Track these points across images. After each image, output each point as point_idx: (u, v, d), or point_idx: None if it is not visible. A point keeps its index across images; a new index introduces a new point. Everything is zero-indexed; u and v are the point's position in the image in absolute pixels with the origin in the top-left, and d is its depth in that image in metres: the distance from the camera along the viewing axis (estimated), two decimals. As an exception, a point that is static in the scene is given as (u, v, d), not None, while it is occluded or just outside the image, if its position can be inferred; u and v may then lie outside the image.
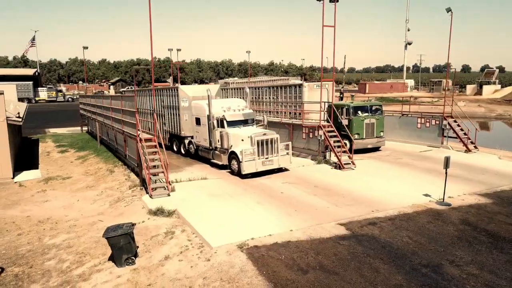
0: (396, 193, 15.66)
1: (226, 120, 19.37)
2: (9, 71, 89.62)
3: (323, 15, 19.28)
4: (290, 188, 16.57)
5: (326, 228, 12.30)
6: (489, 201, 14.93)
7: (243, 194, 15.71)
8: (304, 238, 11.54)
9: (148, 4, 15.86)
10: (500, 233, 12.04)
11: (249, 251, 10.72)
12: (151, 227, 12.85)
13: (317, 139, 20.97)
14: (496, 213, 13.67)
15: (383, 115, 24.59)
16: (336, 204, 14.46)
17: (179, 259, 10.67)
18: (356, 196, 15.36)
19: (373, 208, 14.05)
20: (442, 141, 24.78)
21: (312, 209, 13.95)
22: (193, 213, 13.44)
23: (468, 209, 13.99)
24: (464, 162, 21.05)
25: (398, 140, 27.23)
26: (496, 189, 16.39)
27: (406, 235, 11.83)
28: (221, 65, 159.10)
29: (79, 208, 16.01)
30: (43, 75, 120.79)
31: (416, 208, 14.07)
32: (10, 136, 22.60)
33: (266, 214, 13.43)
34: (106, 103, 26.90)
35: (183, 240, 11.71)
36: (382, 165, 20.67)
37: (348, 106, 23.49)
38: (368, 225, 12.56)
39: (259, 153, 18.05)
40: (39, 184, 19.95)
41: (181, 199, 14.81)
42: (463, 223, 12.79)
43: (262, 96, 31.32)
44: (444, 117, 24.39)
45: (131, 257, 10.74)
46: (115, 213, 14.71)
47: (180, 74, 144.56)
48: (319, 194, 15.70)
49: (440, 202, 14.61)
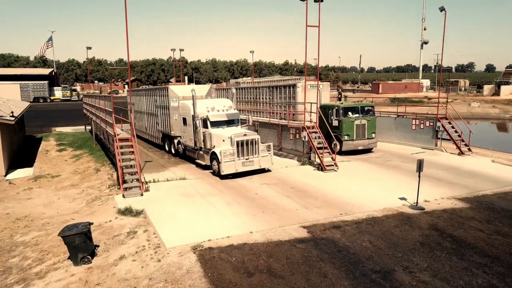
0: (371, 196, 15.41)
1: (210, 120, 19.41)
2: (25, 70, 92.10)
3: (307, 15, 19.12)
4: (266, 189, 16.49)
5: (287, 230, 12.20)
6: (466, 205, 14.53)
7: (216, 194, 15.72)
8: (261, 241, 11.47)
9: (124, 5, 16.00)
10: (467, 239, 11.71)
11: (202, 252, 10.72)
12: (116, 226, 12.98)
13: (302, 140, 20.77)
14: (469, 218, 13.30)
15: (375, 116, 24.20)
16: (306, 207, 14.31)
17: (133, 259, 10.75)
18: (330, 199, 15.18)
19: (343, 211, 13.86)
20: (436, 143, 24.25)
21: (281, 211, 13.85)
22: (159, 213, 13.52)
23: (441, 214, 13.65)
24: (453, 164, 20.56)
25: (393, 142, 26.81)
26: (478, 193, 15.94)
27: (367, 239, 11.62)
28: (236, 65, 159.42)
29: (58, 206, 16.31)
30: (61, 75, 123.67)
31: (387, 212, 13.81)
32: (6, 135, 23.20)
33: (232, 215, 13.40)
34: (97, 103, 27.34)
35: (142, 240, 11.79)
36: (368, 167, 20.37)
37: (338, 107, 23.21)
38: (331, 229, 12.39)
39: (239, 154, 18.02)
40: (28, 182, 20.40)
41: (152, 199, 14.92)
42: (431, 228, 12.48)
43: (259, 97, 31.35)
44: (438, 118, 23.85)
45: (87, 256, 10.88)
46: (88, 212, 14.92)
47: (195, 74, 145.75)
48: (292, 195, 15.58)
49: (413, 206, 14.30)
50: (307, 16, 19.15)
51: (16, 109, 27.09)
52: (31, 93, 76.71)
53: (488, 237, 11.81)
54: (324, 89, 26.71)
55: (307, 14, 19.14)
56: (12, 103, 28.63)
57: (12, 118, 22.13)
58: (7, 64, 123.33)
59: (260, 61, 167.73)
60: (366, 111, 23.93)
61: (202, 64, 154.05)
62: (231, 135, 18.05)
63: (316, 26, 19.37)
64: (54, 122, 45.59)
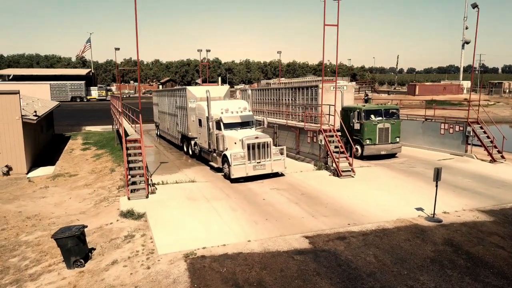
0: (386, 205, 14.47)
1: (223, 122, 19.02)
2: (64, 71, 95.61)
3: (325, 13, 18.31)
4: (275, 194, 15.87)
5: (288, 240, 11.55)
6: (489, 219, 13.32)
7: (222, 199, 15.27)
8: (258, 251, 10.89)
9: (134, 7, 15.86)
10: (485, 257, 10.63)
11: (193, 261, 10.28)
12: (115, 229, 12.79)
13: (318, 143, 19.97)
14: (491, 233, 12.14)
15: (399, 119, 22.98)
16: (313, 215, 13.59)
17: (124, 264, 10.46)
18: (340, 207, 14.37)
19: (352, 220, 13.04)
20: (466, 149, 22.72)
21: (285, 219, 13.21)
22: (160, 217, 13.24)
23: (459, 228, 12.56)
24: (483, 172, 19.12)
25: (420, 147, 25.43)
26: (505, 205, 14.64)
27: (372, 253, 10.79)
28: (269, 65, 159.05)
29: (67, 206, 16.39)
30: (99, 75, 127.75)
31: (400, 223, 12.86)
32: (30, 134, 23.83)
33: (233, 222, 12.89)
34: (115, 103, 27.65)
35: (137, 245, 11.51)
36: (388, 173, 19.28)
37: (359, 110, 22.21)
38: (335, 240, 11.63)
39: (250, 157, 17.50)
40: (46, 180, 20.76)
41: (157, 202, 14.67)
42: (446, 243, 11.46)
43: (281, 98, 30.80)
44: (468, 122, 22.33)
45: (80, 259, 10.70)
46: (94, 213, 14.87)
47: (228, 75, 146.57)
48: (301, 202, 14.88)
49: (430, 218, 13.26)
50: (325, 14, 18.35)
51: (43, 109, 27.84)
52: (69, 92, 79.64)
53: (509, 256, 10.68)
54: (347, 90, 25.75)
55: (325, 13, 18.35)
56: (40, 103, 29.47)
57: (35, 118, 22.67)
58: (50, 65, 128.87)
59: (294, 62, 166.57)
60: (390, 114, 22.77)
61: (236, 65, 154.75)
62: (242, 137, 17.57)
63: (335, 25, 18.55)
64: (86, 121, 46.83)
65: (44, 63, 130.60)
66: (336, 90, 20.58)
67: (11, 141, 21.59)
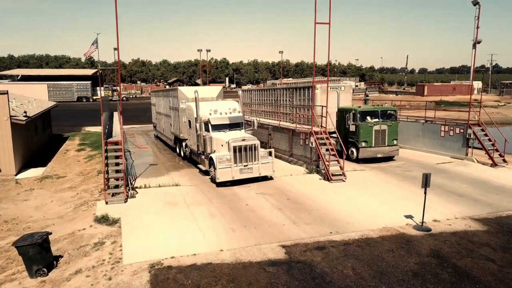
0: (374, 212, 13.76)
1: (211, 123, 18.45)
2: (71, 71, 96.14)
3: (316, 11, 17.62)
4: (260, 200, 15.24)
5: (263, 250, 10.92)
6: (482, 228, 12.53)
7: (203, 204, 14.69)
8: (229, 261, 10.28)
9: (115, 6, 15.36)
10: (472, 271, 9.88)
11: (158, 272, 9.70)
12: (86, 235, 12.29)
13: (309, 146, 19.28)
14: (482, 244, 11.36)
15: (397, 121, 22.16)
16: (295, 222, 12.94)
17: (87, 274, 9.94)
18: (324, 214, 13.68)
19: (335, 229, 12.36)
20: (466, 152, 21.82)
21: (265, 226, 12.58)
22: (134, 223, 12.71)
23: (449, 237, 11.80)
24: (482, 177, 18.25)
25: (420, 149, 24.58)
26: (501, 213, 13.81)
27: (351, 265, 10.10)
28: (277, 65, 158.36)
29: (47, 210, 15.95)
30: (107, 75, 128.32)
31: (385, 232, 12.14)
32: (21, 134, 23.52)
33: (209, 229, 12.30)
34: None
35: (105, 253, 10.98)
36: (382, 177, 18.51)
37: (355, 111, 21.45)
38: (313, 250, 10.97)
39: (237, 160, 16.88)
40: (33, 182, 20.40)
41: (134, 207, 14.15)
42: (432, 254, 10.73)
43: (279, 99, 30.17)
44: (469, 125, 21.43)
45: (42, 268, 10.20)
46: (71, 217, 14.40)
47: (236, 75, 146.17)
48: (285, 208, 14.23)
49: (418, 226, 12.51)
50: (316, 12, 17.66)
51: (37, 109, 27.55)
52: (75, 93, 79.91)
53: (499, 270, 9.92)
54: (345, 91, 25.01)
55: (316, 11, 17.65)
56: (35, 103, 29.21)
57: (24, 118, 22.34)
58: (59, 65, 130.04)
59: (302, 62, 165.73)
60: (388, 116, 21.98)
61: (244, 65, 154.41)
62: (228, 139, 16.97)
63: (326, 23, 17.85)
64: (87, 122, 46.64)
65: (53, 63, 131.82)
66: (328, 91, 19.84)
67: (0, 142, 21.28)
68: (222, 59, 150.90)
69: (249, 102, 36.24)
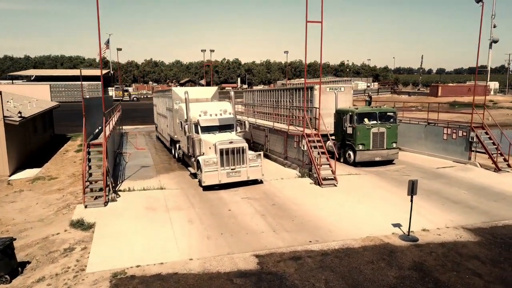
0: (360, 220, 13.10)
1: (200, 125, 18.02)
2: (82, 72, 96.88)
3: (307, 10, 17.01)
4: (244, 205, 14.71)
5: (235, 259, 10.40)
6: (474, 238, 11.76)
7: (184, 209, 14.23)
8: (196, 271, 9.78)
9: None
10: (455, 286, 9.18)
11: (119, 282, 9.27)
12: (58, 241, 11.95)
13: (302, 149, 18.67)
14: (470, 257, 10.62)
15: (396, 123, 21.35)
16: (275, 229, 12.37)
17: (49, 283, 9.57)
18: (308, 220, 13.08)
19: (315, 237, 11.75)
20: (469, 156, 20.87)
21: (242, 233, 12.05)
22: (108, 228, 12.33)
23: (435, 249, 11.08)
24: (484, 183, 17.37)
25: (423, 153, 23.68)
26: (497, 222, 12.99)
27: (324, 278, 9.50)
28: (290, 65, 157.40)
29: (30, 212, 15.69)
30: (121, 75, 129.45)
31: (368, 242, 11.48)
32: (17, 135, 23.46)
33: (183, 236, 11.83)
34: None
35: (72, 260, 10.61)
36: (377, 182, 17.77)
37: (352, 113, 20.74)
38: (288, 260, 10.39)
39: (224, 163, 16.38)
40: (25, 183, 20.24)
41: (112, 211, 13.78)
42: (414, 267, 10.04)
43: (280, 100, 29.68)
44: (472, 127, 20.49)
45: (5, 275, 9.87)
46: (49, 221, 14.10)
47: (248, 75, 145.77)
48: (268, 214, 13.67)
49: (404, 236, 11.82)
50: (307, 10, 17.04)
51: (36, 109, 27.54)
52: (86, 93, 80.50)
53: (485, 286, 9.18)
54: (345, 92, 24.35)
55: (307, 9, 17.04)
56: (34, 104, 29.22)
57: (18, 119, 22.26)
58: (73, 66, 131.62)
59: (315, 62, 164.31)
60: (386, 118, 21.19)
61: (256, 66, 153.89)
62: (215, 142, 16.49)
63: (318, 21, 17.22)
64: (93, 122, 46.74)
65: (68, 64, 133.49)
66: (320, 92, 19.20)
67: (-7, 143, 21.23)
68: (234, 60, 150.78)
69: (251, 103, 35.79)
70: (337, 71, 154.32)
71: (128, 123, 44.54)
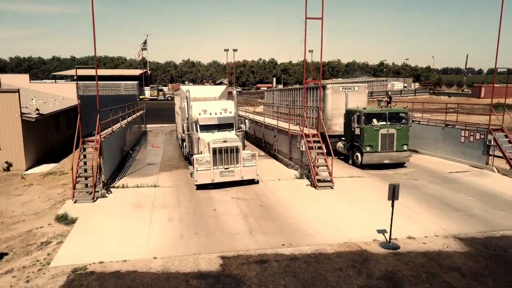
0: (343, 225, 12.53)
1: (199, 123, 17.98)
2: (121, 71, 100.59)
3: (306, 5, 16.50)
4: (231, 205, 14.47)
5: (199, 260, 10.20)
6: (462, 249, 10.90)
7: (170, 207, 14.19)
8: (156, 270, 9.67)
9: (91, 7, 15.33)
10: (423, 300, 8.50)
11: (76, 277, 9.32)
12: (39, 234, 12.25)
13: (300, 149, 18.16)
14: (451, 268, 9.82)
15: (408, 124, 20.31)
16: (252, 231, 12.05)
17: (14, 275, 9.78)
18: (290, 223, 12.65)
19: (290, 241, 11.33)
20: (486, 160, 19.50)
21: (217, 234, 11.83)
22: (88, 224, 12.51)
23: (416, 258, 10.34)
24: (496, 190, 16.16)
25: (440, 156, 22.44)
26: (495, 233, 11.98)
27: (284, 283, 9.10)
28: (327, 65, 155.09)
29: (30, 206, 16.24)
30: (158, 75, 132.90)
31: (344, 248, 10.92)
32: (36, 131, 24.47)
33: (158, 234, 11.77)
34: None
35: (44, 254, 10.81)
36: (377, 186, 16.93)
37: (359, 113, 19.95)
38: (253, 263, 10.05)
39: (217, 163, 16.22)
40: (37, 178, 21.05)
41: (98, 207, 13.99)
42: (384, 277, 9.41)
43: (296, 99, 29.30)
44: (490, 130, 19.13)
45: (-22, 265, 10.23)
46: (42, 215, 14.51)
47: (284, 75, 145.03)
48: (252, 215, 13.36)
49: (385, 243, 11.14)
50: (306, 6, 16.54)
51: (57, 107, 28.62)
52: (123, 92, 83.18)
53: (456, 302, 8.44)
54: (359, 91, 23.55)
55: (306, 5, 16.53)
56: (57, 102, 30.43)
57: (35, 116, 23.21)
58: (115, 66, 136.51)
59: (354, 61, 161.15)
60: (397, 119, 20.21)
61: (292, 65, 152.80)
62: (209, 140, 16.37)
63: (318, 18, 16.67)
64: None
65: (110, 64, 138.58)
66: (320, 92, 18.58)
67: (11, 138, 22.26)
68: (270, 60, 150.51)
69: (271, 103, 35.51)
70: (376, 71, 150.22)
71: (156, 121, 45.46)
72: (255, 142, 29.07)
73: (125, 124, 24.73)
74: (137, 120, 33.06)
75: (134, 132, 29.90)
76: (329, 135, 23.37)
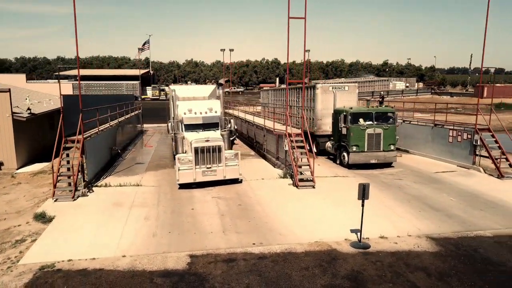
0: (318, 223, 12.56)
1: (183, 123, 18.05)
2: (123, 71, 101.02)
3: (289, 4, 16.50)
4: (210, 204, 14.53)
5: (167, 258, 10.26)
6: (433, 249, 10.87)
7: (148, 206, 14.27)
8: (122, 268, 9.74)
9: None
10: (384, 299, 8.50)
11: (42, 274, 9.41)
12: (15, 232, 12.37)
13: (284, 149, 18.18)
14: (417, 268, 9.81)
15: (395, 124, 20.25)
16: (226, 230, 12.10)
17: (-16, 272, 9.90)
18: (265, 222, 12.69)
19: (261, 240, 11.37)
20: (473, 160, 19.40)
21: (190, 233, 11.89)
22: (64, 222, 12.62)
23: (384, 258, 10.33)
24: (480, 190, 16.07)
25: (429, 156, 22.37)
26: (469, 233, 11.94)
27: (247, 282, 9.13)
28: (331, 65, 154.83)
29: (15, 204, 16.39)
30: (161, 75, 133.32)
31: (314, 247, 10.93)
32: (29, 130, 24.68)
33: (131, 232, 11.86)
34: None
35: (16, 252, 10.92)
36: (361, 185, 16.90)
37: (346, 112, 19.93)
38: (221, 262, 10.10)
39: (199, 162, 16.29)
40: (27, 176, 21.25)
41: (77, 206, 14.11)
42: (349, 276, 9.41)
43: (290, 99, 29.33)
44: (476, 130, 19.02)
45: (-49, 263, 10.35)
46: (23, 213, 14.65)
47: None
48: (228, 215, 13.40)
49: (355, 243, 11.14)
50: (289, 5, 16.54)
51: (51, 107, 28.82)
52: (124, 92, 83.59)
53: (416, 301, 8.43)
54: (349, 91, 23.53)
55: (289, 4, 16.53)
56: (52, 102, 30.65)
57: (26, 115, 23.41)
58: (118, 66, 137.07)
59: (357, 61, 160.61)
60: (384, 118, 20.16)
61: (296, 65, 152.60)
62: (191, 140, 16.44)
63: (302, 17, 16.68)
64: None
65: (113, 64, 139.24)
66: (304, 91, 18.58)
67: (2, 137, 22.46)
68: (274, 59, 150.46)
69: (266, 103, 35.54)
70: (380, 70, 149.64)
71: (155, 121, 45.59)
72: (247, 142, 29.12)
73: (115, 124, 24.84)
74: (132, 120, 33.21)
75: (127, 132, 30.03)
76: (319, 135, 23.45)
